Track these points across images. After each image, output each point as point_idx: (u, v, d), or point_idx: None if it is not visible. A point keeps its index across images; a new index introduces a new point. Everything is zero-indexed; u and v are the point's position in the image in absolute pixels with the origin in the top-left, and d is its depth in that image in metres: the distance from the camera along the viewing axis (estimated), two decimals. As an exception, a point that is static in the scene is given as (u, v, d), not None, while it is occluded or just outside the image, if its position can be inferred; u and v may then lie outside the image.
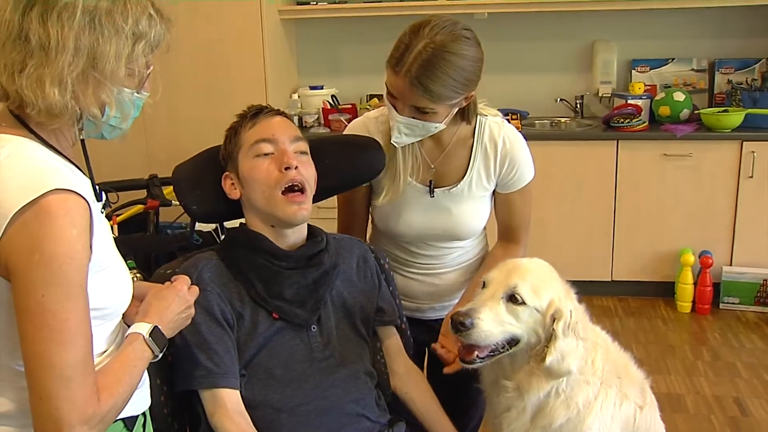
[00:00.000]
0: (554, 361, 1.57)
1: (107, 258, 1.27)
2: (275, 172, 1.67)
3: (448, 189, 1.97)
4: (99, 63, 1.20)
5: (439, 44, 1.66)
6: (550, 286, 1.62)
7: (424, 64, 1.66)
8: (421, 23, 1.70)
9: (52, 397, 1.15)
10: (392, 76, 1.72)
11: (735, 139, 4.14)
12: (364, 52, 4.90)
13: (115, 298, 1.31)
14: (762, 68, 4.50)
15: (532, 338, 1.61)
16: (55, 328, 1.14)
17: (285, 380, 1.64)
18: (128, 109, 1.30)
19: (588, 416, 1.61)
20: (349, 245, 1.86)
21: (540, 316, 1.60)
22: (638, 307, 4.40)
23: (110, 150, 4.17)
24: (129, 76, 1.27)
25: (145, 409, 1.43)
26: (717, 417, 3.21)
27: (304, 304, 1.69)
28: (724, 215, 4.25)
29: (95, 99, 1.23)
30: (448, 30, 1.68)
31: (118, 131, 1.32)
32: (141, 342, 1.33)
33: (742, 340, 3.96)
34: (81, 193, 1.19)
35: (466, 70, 1.71)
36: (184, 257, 1.81)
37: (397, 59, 1.69)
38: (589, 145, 4.32)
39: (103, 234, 1.26)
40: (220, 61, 4.41)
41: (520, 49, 4.80)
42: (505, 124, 1.97)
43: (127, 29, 1.23)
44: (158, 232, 3.21)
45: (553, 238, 4.36)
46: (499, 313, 1.59)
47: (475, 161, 1.95)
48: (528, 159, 2.00)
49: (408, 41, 1.68)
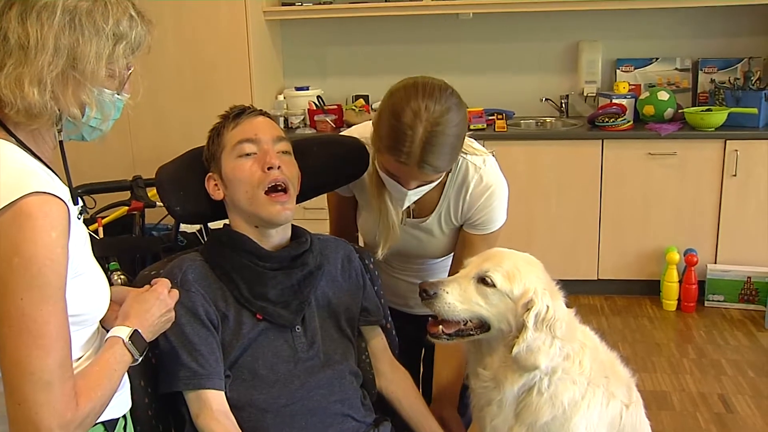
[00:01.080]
0: (521, 352, 1.56)
1: (83, 264, 1.26)
2: (258, 172, 1.67)
3: (418, 221, 1.97)
4: (79, 63, 1.20)
5: (435, 123, 1.62)
6: (527, 277, 1.61)
7: (428, 147, 1.63)
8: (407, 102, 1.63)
9: (31, 402, 1.14)
10: (395, 164, 1.67)
11: (718, 138, 4.17)
12: (349, 52, 4.90)
13: (91, 305, 1.30)
14: (744, 68, 4.53)
15: (503, 325, 1.60)
16: (34, 332, 1.13)
17: (270, 381, 1.64)
18: (109, 110, 1.29)
19: (575, 415, 1.61)
20: (333, 245, 1.86)
21: (511, 303, 1.59)
22: (624, 306, 4.42)
23: (94, 152, 4.16)
24: (109, 77, 1.26)
25: (125, 412, 1.43)
26: (702, 414, 3.23)
27: (288, 305, 1.69)
28: (709, 213, 4.28)
29: (75, 99, 1.22)
30: (435, 101, 1.63)
31: (98, 132, 1.31)
32: (121, 346, 1.32)
33: (727, 338, 3.99)
34: (60, 195, 1.18)
35: (461, 134, 1.71)
36: (168, 258, 1.80)
37: (400, 151, 1.63)
38: (574, 145, 4.34)
39: (79, 239, 1.25)
40: (205, 62, 4.40)
41: (505, 49, 4.81)
42: (485, 167, 1.90)
43: (108, 30, 1.22)
44: (144, 233, 3.20)
45: (538, 237, 4.37)
46: (467, 291, 1.59)
47: (444, 201, 1.94)
48: (499, 206, 1.92)
49: (405, 130, 1.61)
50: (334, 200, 2.12)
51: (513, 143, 4.33)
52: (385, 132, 1.67)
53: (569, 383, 1.61)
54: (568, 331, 1.61)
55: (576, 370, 1.62)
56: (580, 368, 1.62)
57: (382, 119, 1.69)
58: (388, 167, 1.72)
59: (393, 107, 1.66)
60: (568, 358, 1.61)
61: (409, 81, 1.70)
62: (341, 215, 2.13)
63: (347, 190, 2.03)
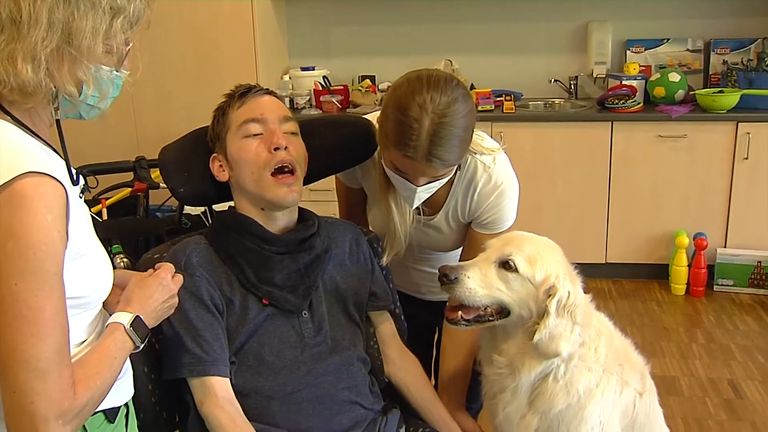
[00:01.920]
0: (542, 339, 1.53)
1: (85, 245, 1.22)
2: (264, 153, 1.63)
3: (427, 219, 1.93)
4: (74, 39, 1.15)
5: (442, 114, 1.56)
6: (548, 262, 1.58)
7: (435, 140, 1.57)
8: (412, 96, 1.58)
9: (27, 391, 1.11)
10: (403, 159, 1.61)
11: (730, 120, 4.11)
12: (355, 32, 4.84)
13: (93, 287, 1.26)
14: (757, 48, 4.46)
15: (524, 311, 1.57)
16: (29, 319, 1.10)
17: (276, 367, 1.60)
18: (107, 87, 1.24)
19: (589, 403, 1.58)
20: (341, 229, 1.82)
21: (533, 288, 1.56)
22: (632, 290, 4.39)
23: (97, 132, 4.12)
24: (107, 53, 1.21)
25: (127, 400, 1.39)
26: (711, 399, 3.20)
27: (295, 290, 1.65)
28: (719, 197, 4.23)
29: (71, 76, 1.18)
30: (441, 93, 1.57)
31: (96, 111, 1.26)
32: (122, 332, 1.29)
33: (737, 323, 3.95)
34: (57, 176, 1.14)
35: (470, 126, 1.64)
36: (172, 241, 1.77)
37: (406, 145, 1.57)
38: (583, 127, 4.28)
39: (80, 220, 1.21)
40: (209, 42, 4.34)
41: (513, 29, 4.75)
42: (495, 166, 1.84)
43: (105, 3, 1.17)
44: (148, 215, 3.16)
45: (546, 220, 4.33)
46: (488, 275, 1.56)
47: (451, 199, 1.89)
48: (509, 205, 1.87)
49: (411, 124, 1.56)
50: (342, 190, 2.07)
51: (521, 125, 4.28)
52: (391, 127, 1.61)
53: (585, 370, 1.59)
54: (585, 317, 1.57)
55: (592, 357, 1.59)
56: (595, 355, 1.59)
57: (387, 115, 1.64)
58: (396, 163, 1.66)
59: (398, 101, 1.61)
60: (584, 344, 1.58)
61: (413, 74, 1.64)
62: (350, 205, 2.08)
63: (355, 181, 1.98)
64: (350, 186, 2.01)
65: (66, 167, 1.22)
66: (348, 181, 2.00)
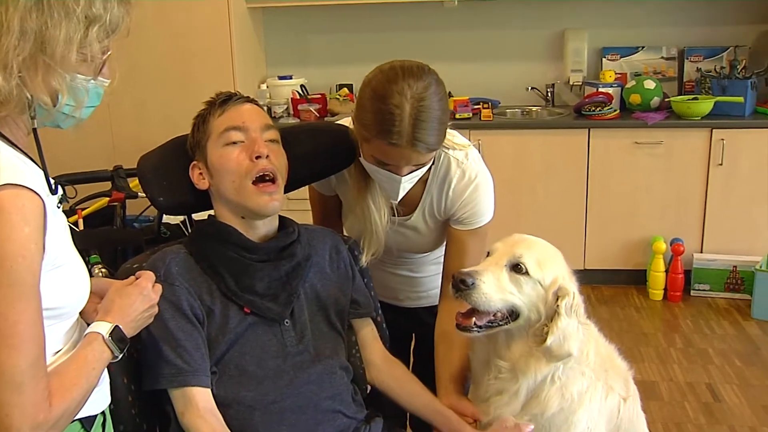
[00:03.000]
0: (556, 341, 1.52)
1: (62, 255, 1.20)
2: (245, 161, 1.61)
3: (403, 220, 1.93)
4: (48, 47, 1.13)
5: (420, 98, 1.58)
6: (555, 264, 1.58)
7: (418, 123, 1.58)
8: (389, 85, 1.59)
9: (1, 404, 1.09)
10: (387, 147, 1.61)
11: (705, 127, 4.16)
12: (333, 41, 4.85)
13: (70, 297, 1.25)
14: (730, 56, 4.51)
15: (533, 314, 1.57)
16: (5, 331, 1.09)
17: (258, 377, 1.59)
18: (82, 96, 1.22)
19: (579, 409, 1.58)
20: (321, 236, 1.81)
21: (542, 291, 1.56)
22: (611, 296, 4.42)
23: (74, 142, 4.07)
24: (83, 62, 1.19)
25: (104, 408, 1.38)
26: (690, 403, 3.22)
27: (276, 298, 1.64)
28: (695, 203, 4.27)
29: (45, 85, 1.16)
30: (417, 79, 1.60)
31: (72, 120, 1.24)
32: (100, 342, 1.27)
33: (714, 327, 3.99)
34: (34, 188, 1.12)
35: (446, 108, 1.66)
36: (151, 251, 1.74)
37: (390, 132, 1.58)
38: (560, 134, 4.31)
39: (57, 230, 1.19)
40: (186, 51, 4.33)
41: (490, 37, 4.78)
42: (468, 161, 1.85)
43: (79, 12, 1.15)
44: (125, 225, 3.13)
45: (525, 227, 4.27)
46: (501, 280, 1.54)
47: (426, 196, 1.89)
48: (484, 200, 1.86)
49: (392, 110, 1.57)
50: (316, 198, 2.06)
51: (499, 132, 4.30)
52: (372, 118, 1.61)
53: (579, 374, 1.59)
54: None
55: (584, 361, 1.60)
56: (587, 360, 1.60)
57: (364, 107, 1.64)
58: (379, 155, 1.66)
59: (375, 92, 1.61)
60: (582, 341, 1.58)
61: (385, 66, 1.66)
62: (325, 213, 2.07)
63: (330, 188, 1.98)
64: (324, 194, 2.01)
65: (44, 176, 1.21)
66: (322, 188, 1.99)
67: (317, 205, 2.08)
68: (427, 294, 2.10)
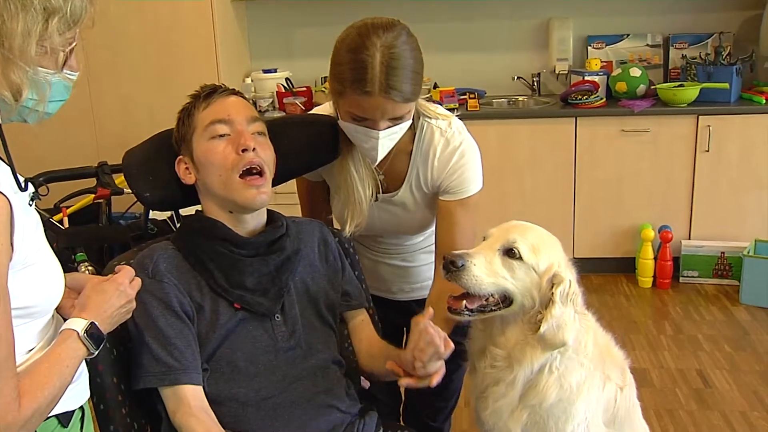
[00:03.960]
0: (549, 329, 1.52)
1: (32, 254, 1.18)
2: (232, 155, 1.59)
3: (390, 196, 1.91)
4: (5, 40, 1.10)
5: (391, 46, 1.59)
6: (550, 250, 1.57)
7: (390, 70, 1.58)
8: (360, 38, 1.61)
9: None
10: (360, 98, 1.61)
11: (691, 114, 4.16)
12: (317, 33, 4.79)
13: (42, 296, 1.22)
14: (715, 42, 4.52)
15: (527, 300, 1.56)
16: None
17: (250, 373, 1.57)
18: (44, 89, 1.18)
19: (578, 399, 1.57)
20: (309, 228, 1.79)
21: (537, 276, 1.55)
22: (600, 284, 4.42)
23: (56, 139, 4.05)
24: (44, 54, 1.16)
25: (82, 404, 1.35)
26: (681, 390, 3.23)
27: (266, 293, 1.62)
28: (682, 189, 4.28)
29: (5, 79, 1.12)
30: (386, 31, 1.61)
31: (37, 114, 1.21)
32: (75, 339, 1.25)
33: (703, 313, 4.00)
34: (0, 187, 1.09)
35: (419, 59, 1.66)
36: (138, 247, 1.72)
37: (362, 81, 1.58)
38: (547, 123, 4.30)
39: (27, 229, 1.16)
40: (170, 45, 4.28)
41: (476, 27, 4.76)
42: (451, 130, 1.85)
43: (36, 4, 1.11)
44: (111, 222, 3.09)
45: (513, 216, 4.23)
46: (493, 263, 1.54)
47: (412, 169, 1.88)
48: (473, 167, 1.85)
49: (363, 59, 1.58)
50: (303, 185, 2.05)
51: (485, 122, 4.28)
52: (345, 69, 1.62)
53: (577, 365, 1.58)
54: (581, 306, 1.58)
55: (582, 351, 1.59)
56: (585, 350, 1.59)
57: (337, 60, 1.65)
58: (354, 109, 1.65)
59: (346, 45, 1.63)
60: (576, 338, 1.57)
61: (356, 23, 1.67)
62: (313, 201, 2.06)
63: (316, 174, 1.96)
64: (311, 180, 1.99)
65: (12, 174, 1.17)
66: (309, 175, 1.97)
67: (305, 194, 2.07)
68: (420, 285, 2.09)
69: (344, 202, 1.87)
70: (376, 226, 1.94)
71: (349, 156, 1.81)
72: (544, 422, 1.60)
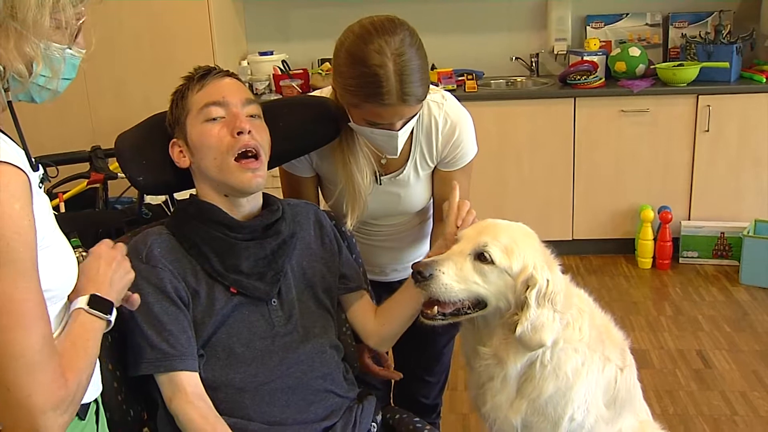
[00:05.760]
0: (525, 331, 1.49)
1: (49, 236, 1.16)
2: (227, 137, 1.56)
3: (394, 176, 1.91)
4: (19, 12, 1.07)
5: (400, 53, 1.58)
6: (525, 251, 1.53)
7: (404, 78, 1.58)
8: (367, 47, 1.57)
9: (21, 386, 1.06)
10: (379, 108, 1.61)
11: (691, 93, 4.13)
12: (313, 15, 4.76)
13: (59, 279, 1.21)
14: (715, 21, 4.48)
15: (501, 303, 1.54)
16: (14, 312, 1.05)
17: (247, 358, 1.55)
18: (58, 64, 1.16)
19: (576, 384, 1.56)
20: (304, 211, 1.77)
21: (510, 279, 1.52)
22: (600, 265, 4.41)
23: (53, 123, 4.01)
24: (56, 29, 1.14)
25: (96, 396, 1.34)
26: (681, 370, 3.23)
27: (263, 277, 1.60)
28: (682, 170, 4.26)
29: (19, 53, 1.10)
30: (390, 34, 1.59)
31: (47, 92, 1.19)
32: (84, 314, 1.25)
33: (702, 294, 3.99)
34: (18, 164, 1.07)
35: (424, 56, 1.66)
36: (132, 233, 1.70)
37: (380, 93, 1.58)
38: (545, 104, 4.27)
39: (42, 209, 1.14)
40: (164, 29, 4.23)
41: (473, 8, 4.71)
42: (447, 102, 1.88)
43: None
44: (108, 207, 3.07)
45: (512, 198, 4.32)
46: (464, 270, 1.51)
47: (415, 147, 1.88)
48: (471, 136, 1.90)
49: (377, 73, 1.56)
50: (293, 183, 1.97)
51: (483, 104, 4.24)
52: (357, 83, 1.60)
53: (571, 352, 1.56)
54: (566, 300, 1.54)
55: (576, 337, 1.57)
56: (579, 335, 1.57)
57: (345, 74, 1.62)
58: (371, 117, 1.65)
59: (352, 56, 1.60)
60: (568, 326, 1.55)
61: (355, 27, 1.64)
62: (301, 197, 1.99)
63: (309, 169, 1.93)
64: (302, 176, 1.94)
65: (25, 154, 1.16)
66: (301, 170, 1.93)
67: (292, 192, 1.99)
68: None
69: (344, 196, 1.86)
70: (377, 209, 1.92)
71: (346, 149, 1.80)
72: (544, 409, 1.59)
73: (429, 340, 2.07)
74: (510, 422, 1.61)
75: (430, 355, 2.14)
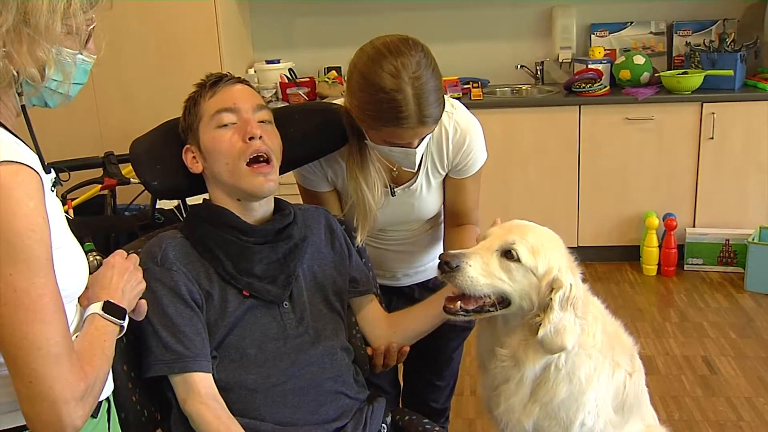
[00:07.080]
0: (547, 334, 1.49)
1: (60, 237, 1.19)
2: (239, 143, 1.59)
3: (406, 187, 1.92)
4: (32, 18, 1.10)
5: (417, 77, 1.59)
6: (551, 253, 1.54)
7: (422, 101, 1.60)
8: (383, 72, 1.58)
9: (44, 378, 1.09)
10: (398, 131, 1.63)
11: (695, 101, 4.15)
12: (320, 23, 4.79)
13: (71, 279, 1.23)
14: (719, 29, 4.50)
15: (525, 302, 1.54)
16: (31, 307, 1.08)
17: (259, 360, 1.57)
18: (69, 69, 1.19)
19: (588, 390, 1.57)
20: (315, 215, 1.79)
21: (535, 279, 1.52)
22: (605, 272, 4.42)
23: (62, 130, 4.05)
24: (68, 34, 1.17)
25: (108, 395, 1.37)
26: (687, 377, 3.24)
27: (275, 280, 1.62)
28: (687, 177, 4.27)
29: (31, 58, 1.13)
30: (405, 56, 1.60)
31: (59, 96, 1.22)
32: (99, 318, 1.28)
33: (708, 300, 4.00)
34: (31, 165, 1.10)
35: (439, 75, 1.67)
36: (146, 236, 1.72)
37: (400, 119, 1.60)
38: (551, 112, 4.29)
39: (54, 211, 1.17)
40: (172, 37, 4.27)
41: (478, 16, 4.74)
42: (456, 111, 1.89)
43: None
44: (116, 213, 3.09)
45: (517, 205, 4.34)
46: (490, 264, 1.51)
47: (427, 157, 1.89)
48: (481, 144, 1.92)
49: (395, 97, 1.57)
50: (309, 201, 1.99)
51: (489, 111, 4.26)
52: (375, 108, 1.61)
53: (585, 357, 1.57)
54: (584, 306, 1.55)
55: (590, 342, 1.57)
56: (593, 341, 1.58)
57: (361, 97, 1.64)
58: (390, 138, 1.67)
59: (368, 80, 1.60)
60: (583, 332, 1.55)
61: (368, 49, 1.65)
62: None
63: (327, 183, 1.94)
64: (318, 191, 1.96)
65: (38, 157, 1.18)
66: (318, 185, 1.95)
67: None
68: (424, 268, 2.11)
69: (354, 211, 1.87)
70: (390, 219, 1.95)
71: (356, 164, 1.81)
72: (556, 414, 1.60)
73: (440, 344, 2.08)
74: (522, 425, 1.61)
75: (441, 359, 2.16)
